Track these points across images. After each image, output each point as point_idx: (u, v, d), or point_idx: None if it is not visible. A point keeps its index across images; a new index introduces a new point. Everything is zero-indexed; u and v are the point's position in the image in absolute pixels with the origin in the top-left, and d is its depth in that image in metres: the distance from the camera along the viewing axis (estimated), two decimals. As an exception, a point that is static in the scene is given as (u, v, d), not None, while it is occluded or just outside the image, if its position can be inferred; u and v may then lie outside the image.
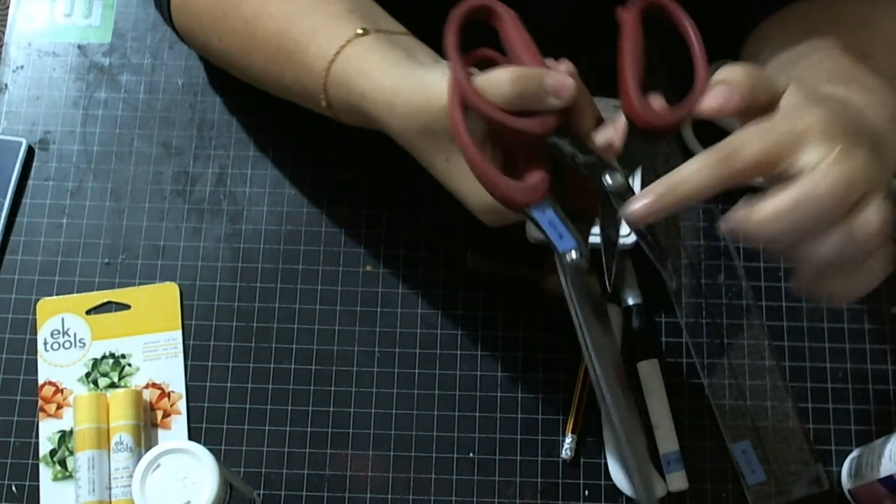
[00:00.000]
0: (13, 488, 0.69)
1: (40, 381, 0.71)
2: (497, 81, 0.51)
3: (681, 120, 0.52)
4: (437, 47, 0.55)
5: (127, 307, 0.73)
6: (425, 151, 0.56)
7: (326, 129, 0.77)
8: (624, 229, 0.66)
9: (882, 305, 0.73)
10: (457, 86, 0.51)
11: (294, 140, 0.77)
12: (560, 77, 0.51)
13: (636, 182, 0.66)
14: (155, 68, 0.80)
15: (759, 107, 0.51)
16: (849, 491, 0.68)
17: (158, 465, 0.58)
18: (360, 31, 0.59)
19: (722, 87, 0.50)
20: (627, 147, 0.52)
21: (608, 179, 0.51)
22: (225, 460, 0.69)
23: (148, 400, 0.71)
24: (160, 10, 0.72)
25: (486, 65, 0.54)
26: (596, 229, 0.54)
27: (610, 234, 0.53)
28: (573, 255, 0.52)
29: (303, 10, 0.62)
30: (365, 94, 0.57)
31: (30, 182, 0.76)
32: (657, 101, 0.52)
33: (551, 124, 0.52)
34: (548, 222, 0.52)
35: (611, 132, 0.53)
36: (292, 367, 0.72)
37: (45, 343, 0.72)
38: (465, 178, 0.54)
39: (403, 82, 0.55)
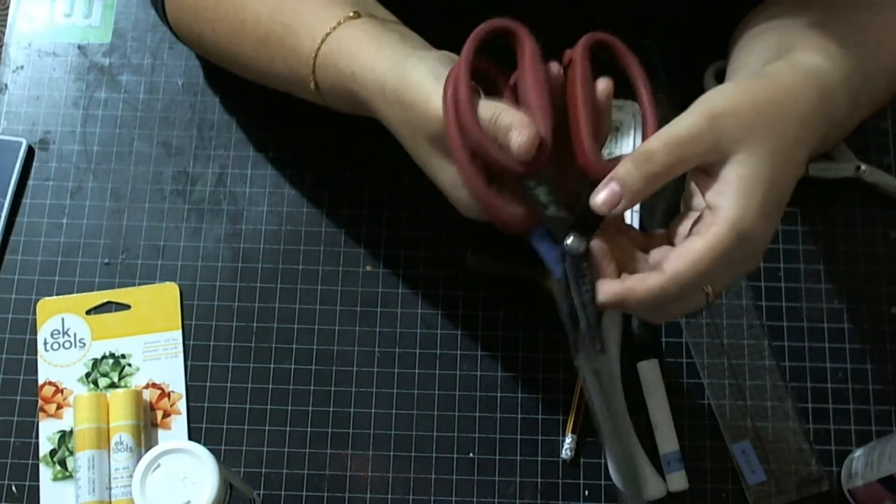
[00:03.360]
0: (13, 488, 0.69)
1: (40, 381, 0.71)
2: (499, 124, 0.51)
3: None
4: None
5: (127, 307, 0.73)
6: (409, 143, 0.56)
7: (326, 130, 0.77)
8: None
9: (882, 305, 0.73)
10: (453, 104, 0.51)
11: (294, 140, 0.77)
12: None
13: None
14: (155, 68, 0.80)
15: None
16: (849, 491, 0.68)
17: (158, 465, 0.58)
18: (351, 14, 0.60)
19: (614, 187, 0.51)
20: (583, 202, 0.52)
21: (569, 240, 0.52)
22: (225, 460, 0.69)
23: (148, 400, 0.71)
24: (154, 7, 0.72)
25: (483, 78, 0.53)
26: None
27: (573, 296, 0.52)
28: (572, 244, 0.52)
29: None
30: (355, 74, 0.57)
31: (30, 182, 0.76)
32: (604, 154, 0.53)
33: (536, 168, 0.51)
34: (546, 247, 0.52)
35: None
36: (292, 367, 0.72)
37: (45, 343, 0.72)
38: (446, 176, 0.54)
39: (395, 69, 0.55)
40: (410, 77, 0.54)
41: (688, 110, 0.52)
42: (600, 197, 0.51)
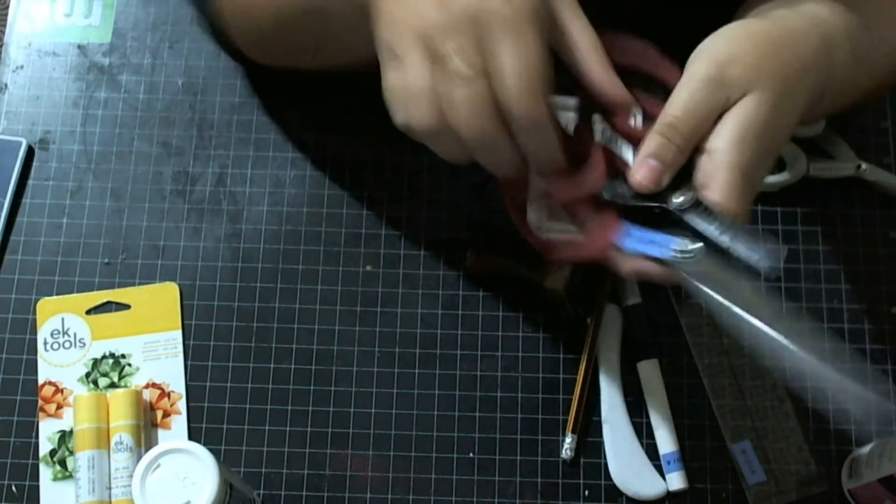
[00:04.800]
0: (13, 488, 0.69)
1: (40, 381, 0.71)
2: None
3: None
4: None
5: (127, 307, 0.73)
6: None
7: (327, 130, 0.77)
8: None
9: (882, 305, 0.73)
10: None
11: (294, 140, 0.77)
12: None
13: None
14: (155, 68, 0.80)
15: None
16: (849, 491, 0.68)
17: (158, 465, 0.58)
18: None
19: (653, 164, 0.50)
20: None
21: (677, 199, 0.52)
22: (225, 460, 0.69)
23: (148, 400, 0.71)
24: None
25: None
26: None
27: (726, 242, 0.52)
28: (676, 253, 0.51)
29: None
30: None
31: (30, 182, 0.76)
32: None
33: (600, 179, 0.51)
34: (637, 242, 0.52)
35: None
36: (292, 367, 0.72)
37: (45, 343, 0.72)
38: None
39: None
40: None
41: (693, 63, 0.52)
42: (640, 175, 0.50)
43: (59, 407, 0.71)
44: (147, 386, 0.71)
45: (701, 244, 0.51)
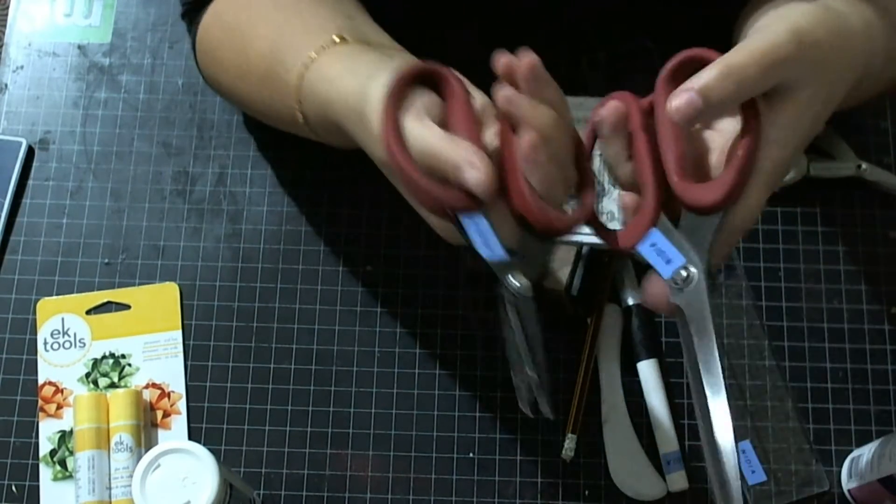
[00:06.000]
0: (13, 488, 0.69)
1: (40, 381, 0.71)
2: (421, 143, 0.49)
3: (576, 223, 0.51)
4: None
5: (127, 307, 0.73)
6: (378, 164, 0.54)
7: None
8: None
9: (882, 305, 0.73)
10: (391, 107, 0.50)
11: (294, 140, 0.77)
12: (475, 166, 0.48)
13: None
14: (155, 68, 0.80)
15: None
16: (849, 491, 0.68)
17: (158, 465, 0.58)
18: (336, 40, 0.58)
19: (692, 97, 0.47)
20: (525, 246, 0.51)
21: (511, 280, 0.51)
22: (225, 460, 0.69)
23: (148, 400, 0.71)
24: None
25: (430, 81, 0.52)
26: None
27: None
28: (513, 282, 0.52)
29: (292, 29, 0.61)
30: (331, 99, 0.55)
31: (30, 182, 0.76)
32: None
33: (464, 202, 0.50)
34: (476, 230, 0.51)
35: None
36: (292, 367, 0.72)
37: (45, 343, 0.72)
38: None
39: (360, 88, 0.52)
40: (370, 93, 0.51)
41: (766, 23, 0.49)
42: (676, 103, 0.47)
43: (59, 407, 0.71)
44: (147, 386, 0.71)
45: (696, 271, 0.48)
